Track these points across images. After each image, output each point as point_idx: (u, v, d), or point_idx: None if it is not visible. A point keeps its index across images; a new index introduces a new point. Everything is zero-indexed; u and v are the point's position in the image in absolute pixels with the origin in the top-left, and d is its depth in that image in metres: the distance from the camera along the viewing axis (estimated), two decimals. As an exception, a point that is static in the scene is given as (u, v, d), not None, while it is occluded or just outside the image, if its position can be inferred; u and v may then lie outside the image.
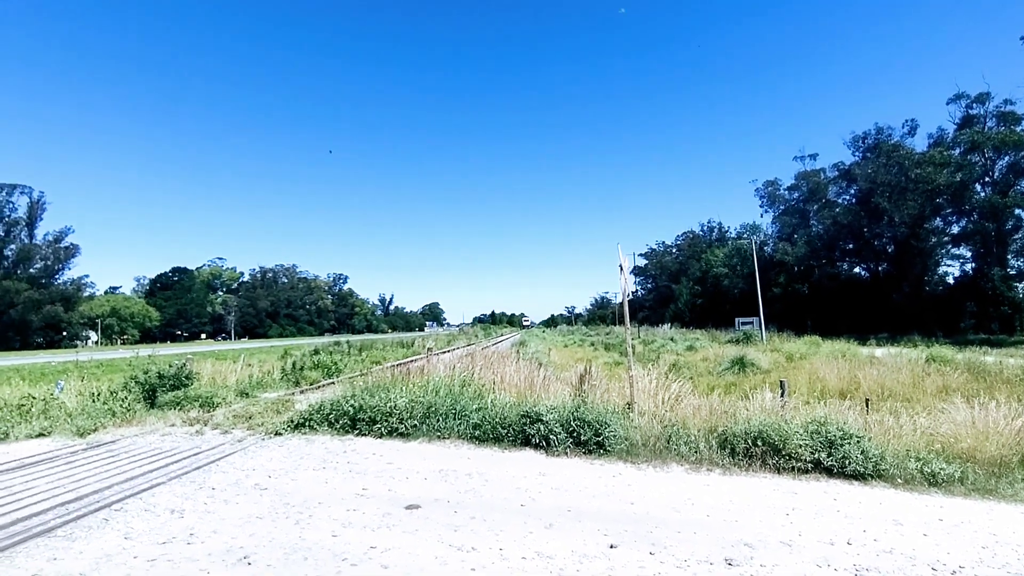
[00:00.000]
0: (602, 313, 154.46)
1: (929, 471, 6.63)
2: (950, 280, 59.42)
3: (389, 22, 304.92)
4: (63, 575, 4.12)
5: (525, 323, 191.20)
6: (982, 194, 54.42)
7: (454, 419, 9.03)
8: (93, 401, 11.38)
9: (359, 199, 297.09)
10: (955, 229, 58.09)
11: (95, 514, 5.47)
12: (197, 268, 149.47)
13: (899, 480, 6.63)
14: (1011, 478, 6.59)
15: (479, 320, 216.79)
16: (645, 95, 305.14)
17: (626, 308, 10.49)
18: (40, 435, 9.44)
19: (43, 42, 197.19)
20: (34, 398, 11.29)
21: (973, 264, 56.38)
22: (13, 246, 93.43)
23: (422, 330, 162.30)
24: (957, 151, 55.63)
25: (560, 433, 7.98)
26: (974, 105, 56.65)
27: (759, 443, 7.21)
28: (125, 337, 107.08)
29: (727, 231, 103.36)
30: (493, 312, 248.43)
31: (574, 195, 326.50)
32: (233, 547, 4.61)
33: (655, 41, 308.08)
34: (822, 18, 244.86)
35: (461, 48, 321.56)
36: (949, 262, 60.22)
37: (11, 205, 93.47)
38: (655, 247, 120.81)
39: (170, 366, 13.05)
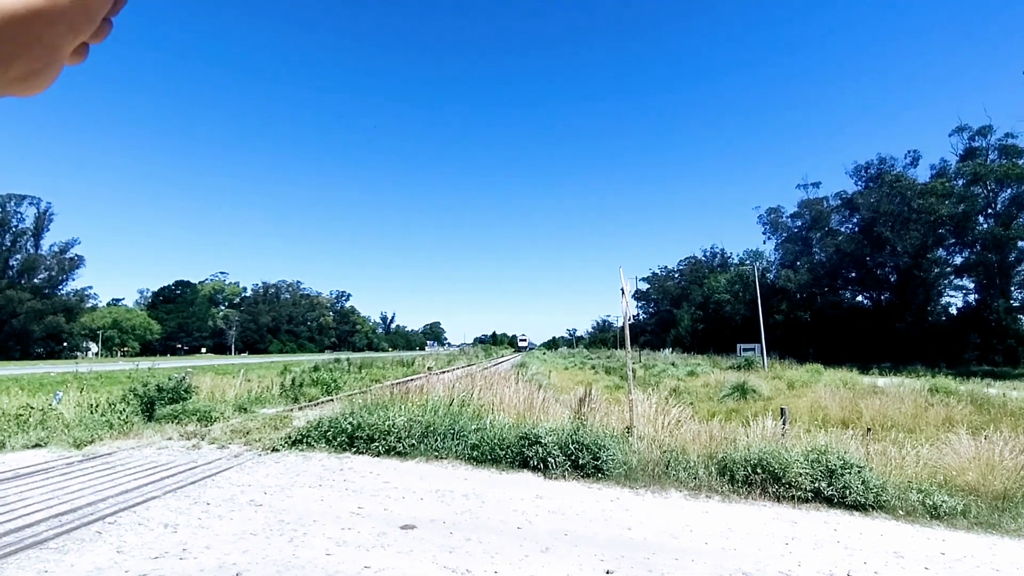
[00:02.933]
0: (603, 336, 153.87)
1: (931, 503, 6.54)
2: (953, 311, 59.19)
3: (397, 32, 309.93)
4: (53, 588, 4.08)
5: (521, 343, 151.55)
6: (985, 226, 54.49)
7: (452, 439, 8.98)
8: (91, 413, 11.34)
9: (363, 217, 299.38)
10: (958, 260, 58.05)
11: (88, 527, 5.42)
12: (200, 282, 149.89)
13: (900, 512, 6.54)
14: (1015, 513, 6.50)
15: (480, 341, 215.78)
16: (649, 118, 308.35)
17: (627, 332, 10.48)
18: (37, 445, 9.40)
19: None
20: (32, 408, 11.26)
21: (976, 295, 56.21)
22: (19, 256, 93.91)
23: (423, 349, 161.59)
24: (960, 182, 55.88)
25: (558, 456, 7.92)
26: (976, 138, 57.08)
27: (759, 471, 7.14)
28: (126, 349, 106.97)
29: (729, 257, 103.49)
30: (494, 333, 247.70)
31: (577, 218, 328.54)
32: (226, 563, 4.56)
33: (659, 64, 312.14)
34: (828, 48, 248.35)
35: (463, 66, 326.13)
36: (952, 293, 60.09)
37: (19, 215, 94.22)
38: (657, 271, 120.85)
39: (169, 379, 13.03)
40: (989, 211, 55.20)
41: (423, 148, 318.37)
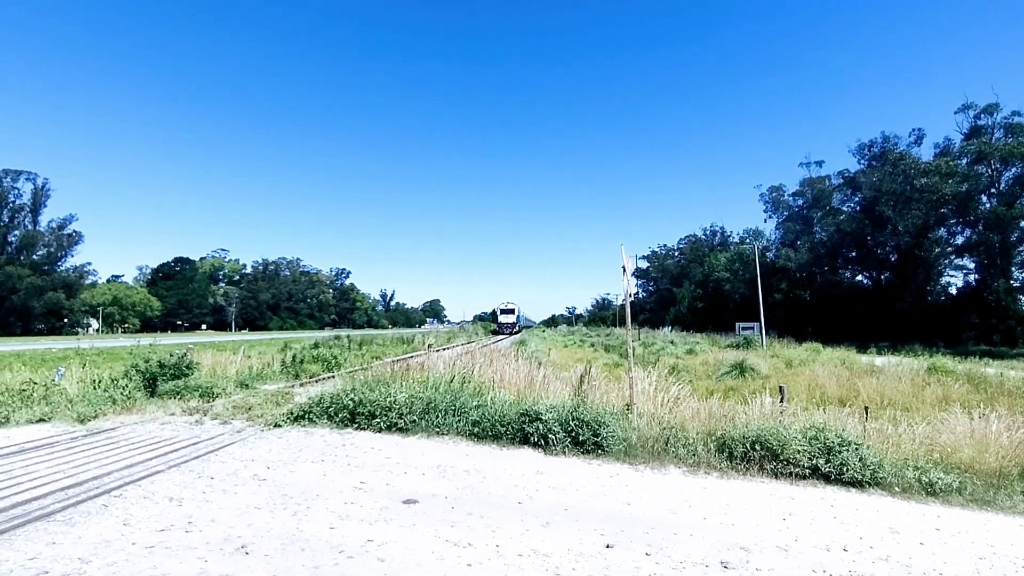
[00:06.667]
0: (603, 314, 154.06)
1: (927, 480, 6.62)
2: (953, 291, 59.35)
3: (393, 15, 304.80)
4: (61, 559, 4.14)
5: (505, 318, 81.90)
6: (987, 205, 54.29)
7: (453, 416, 9.05)
8: (94, 388, 11.41)
9: (363, 194, 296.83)
10: (959, 240, 57.99)
11: (94, 500, 5.49)
12: (200, 259, 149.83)
13: (897, 488, 6.62)
14: (1010, 490, 6.58)
15: (480, 318, 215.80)
16: (650, 95, 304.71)
17: (628, 309, 10.49)
18: (40, 420, 9.47)
19: (50, 30, 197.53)
20: (35, 384, 11.32)
21: (976, 275, 56.28)
22: (17, 232, 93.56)
23: (422, 326, 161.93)
24: (964, 161, 55.50)
25: (559, 432, 7.99)
26: (982, 116, 56.51)
27: (757, 447, 7.21)
28: (126, 326, 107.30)
29: (730, 236, 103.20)
30: (494, 311, 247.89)
31: (577, 195, 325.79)
32: (231, 536, 4.63)
33: (661, 40, 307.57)
34: (831, 23, 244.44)
35: (465, 44, 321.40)
36: (952, 272, 60.18)
37: (16, 191, 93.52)
38: (657, 250, 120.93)
39: (171, 355, 13.08)
40: (992, 190, 54.95)
41: (423, 123, 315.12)
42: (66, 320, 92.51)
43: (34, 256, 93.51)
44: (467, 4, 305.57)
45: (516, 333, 72.18)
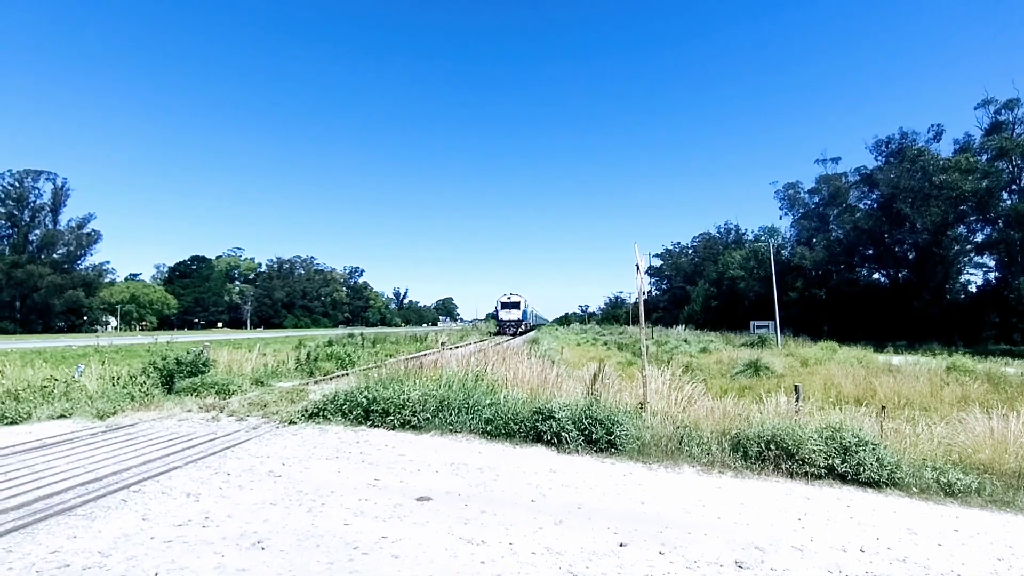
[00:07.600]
0: (616, 312, 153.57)
1: (945, 481, 6.52)
2: (972, 289, 58.39)
3: (407, 14, 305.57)
4: (82, 553, 4.22)
5: (508, 314, 65.89)
6: (1008, 202, 53.25)
7: (466, 413, 9.08)
8: (113, 385, 11.61)
9: (377, 193, 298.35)
10: (979, 237, 56.99)
11: (114, 495, 5.59)
12: (216, 257, 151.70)
13: (914, 489, 6.54)
14: (1030, 491, 6.47)
15: (492, 316, 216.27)
16: (665, 92, 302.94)
17: (641, 307, 10.45)
18: (61, 416, 9.65)
19: (68, 31, 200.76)
20: (56, 380, 11.53)
21: (997, 273, 55.32)
22: (37, 231, 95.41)
23: (435, 324, 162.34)
24: (984, 157, 54.52)
25: (572, 431, 7.98)
26: (1003, 111, 55.47)
27: (772, 447, 7.15)
28: (144, 323, 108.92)
29: (744, 233, 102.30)
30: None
31: (590, 193, 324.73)
32: (247, 532, 4.69)
33: (675, 37, 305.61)
34: (849, 18, 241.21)
35: (477, 42, 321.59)
36: (972, 270, 59.21)
37: (36, 191, 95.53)
38: (671, 248, 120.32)
39: (187, 353, 13.26)
40: (1013, 187, 53.93)
41: (436, 122, 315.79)
42: (85, 318, 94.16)
43: (54, 255, 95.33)
44: (484, 1, 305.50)
45: (523, 333, 61.58)
